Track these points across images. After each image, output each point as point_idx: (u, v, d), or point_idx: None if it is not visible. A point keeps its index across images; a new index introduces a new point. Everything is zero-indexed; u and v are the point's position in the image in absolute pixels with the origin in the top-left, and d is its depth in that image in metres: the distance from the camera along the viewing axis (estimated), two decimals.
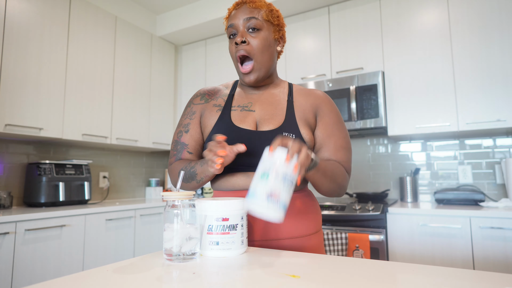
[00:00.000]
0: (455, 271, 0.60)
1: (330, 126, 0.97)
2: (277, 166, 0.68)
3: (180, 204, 0.71)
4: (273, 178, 0.67)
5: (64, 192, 2.32)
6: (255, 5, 0.95)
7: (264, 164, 0.70)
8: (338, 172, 0.91)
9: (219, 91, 1.05)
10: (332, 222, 2.13)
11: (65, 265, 2.00)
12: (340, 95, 2.42)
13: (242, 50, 0.93)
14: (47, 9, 2.29)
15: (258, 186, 0.68)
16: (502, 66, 2.03)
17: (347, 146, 0.97)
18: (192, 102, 1.05)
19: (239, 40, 0.92)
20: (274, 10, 0.98)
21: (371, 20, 2.47)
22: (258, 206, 0.67)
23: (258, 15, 0.94)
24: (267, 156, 0.71)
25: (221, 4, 2.92)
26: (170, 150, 1.04)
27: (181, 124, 1.03)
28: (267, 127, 0.93)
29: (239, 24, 0.94)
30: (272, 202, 0.66)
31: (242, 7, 0.96)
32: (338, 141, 0.96)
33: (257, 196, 0.67)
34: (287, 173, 0.68)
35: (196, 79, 3.32)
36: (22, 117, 2.10)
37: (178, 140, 1.01)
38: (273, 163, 0.69)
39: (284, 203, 0.68)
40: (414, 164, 2.55)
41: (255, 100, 1.00)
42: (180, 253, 0.69)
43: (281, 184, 0.67)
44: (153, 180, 3.29)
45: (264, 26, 0.95)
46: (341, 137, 0.97)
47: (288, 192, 0.69)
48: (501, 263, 1.73)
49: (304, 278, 0.57)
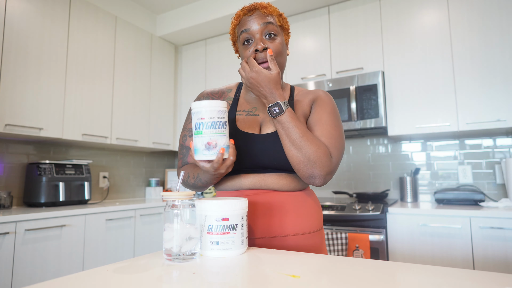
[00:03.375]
0: (455, 271, 0.60)
1: (322, 114, 0.94)
2: (204, 116, 0.78)
3: (180, 204, 0.71)
4: (204, 129, 0.78)
5: (64, 192, 2.32)
6: (268, 10, 0.95)
7: (193, 121, 0.80)
8: (313, 145, 0.84)
9: (223, 94, 1.06)
10: (332, 222, 2.13)
11: (65, 265, 2.00)
12: (340, 95, 2.42)
13: (265, 58, 0.92)
14: (47, 9, 2.29)
15: (196, 141, 0.79)
16: (502, 66, 2.03)
17: (337, 134, 0.91)
18: None
19: (260, 47, 0.91)
20: (283, 15, 1.00)
21: (371, 20, 2.47)
22: (203, 158, 0.78)
23: (273, 20, 0.95)
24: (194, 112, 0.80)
25: (221, 4, 2.92)
26: (178, 153, 1.07)
27: (186, 128, 1.04)
28: (270, 129, 0.95)
29: (255, 30, 0.94)
30: (211, 149, 0.78)
31: (255, 13, 0.95)
32: (327, 127, 0.91)
33: (199, 150, 0.79)
34: (213, 118, 0.77)
35: (196, 79, 3.32)
36: (22, 117, 2.10)
37: (183, 144, 1.03)
38: (199, 113, 0.78)
39: (223, 145, 0.78)
40: (414, 164, 2.55)
41: (259, 105, 1.01)
42: (180, 253, 0.69)
43: (213, 130, 0.77)
44: (153, 180, 3.29)
45: (279, 32, 0.96)
46: (332, 125, 0.92)
47: (222, 134, 0.78)
48: (501, 263, 1.73)
49: (304, 278, 0.57)
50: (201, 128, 0.78)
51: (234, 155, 0.81)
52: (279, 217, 0.91)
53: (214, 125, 0.77)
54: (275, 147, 0.91)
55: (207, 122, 0.77)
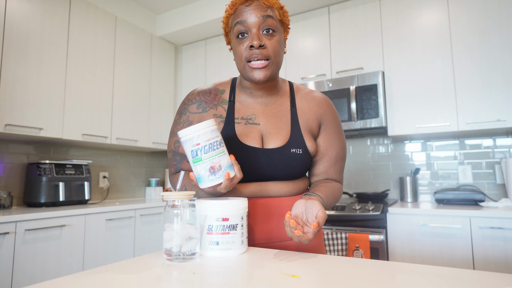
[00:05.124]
0: (455, 271, 0.60)
1: (332, 136, 0.98)
2: (198, 141, 0.72)
3: (180, 204, 0.71)
4: (203, 154, 0.72)
5: (64, 192, 2.32)
6: (268, 2, 0.85)
7: (187, 149, 0.74)
8: (336, 194, 0.95)
9: (216, 96, 0.96)
10: (332, 222, 2.13)
11: (65, 265, 2.00)
12: (340, 95, 2.42)
13: (260, 54, 0.83)
14: (47, 9, 2.29)
15: (198, 169, 0.74)
16: (502, 66, 2.03)
17: (344, 155, 1.00)
18: (188, 110, 0.95)
19: (256, 44, 0.82)
20: (284, 8, 0.90)
21: (371, 20, 2.47)
22: (210, 184, 0.74)
23: (273, 14, 0.85)
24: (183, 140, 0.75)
25: (221, 4, 2.91)
26: (168, 159, 0.99)
27: (174, 133, 0.96)
28: (274, 143, 0.90)
29: (252, 23, 0.84)
30: (216, 172, 0.73)
31: (254, 3, 0.84)
32: (338, 152, 0.98)
33: (203, 177, 0.74)
34: (209, 140, 0.72)
35: (196, 79, 3.32)
36: (22, 117, 2.10)
37: (176, 151, 0.96)
38: (192, 140, 0.73)
39: (226, 164, 0.74)
40: (414, 164, 2.55)
41: (258, 111, 0.93)
42: (180, 253, 0.69)
43: (212, 153, 0.73)
44: (153, 180, 3.29)
45: (278, 27, 0.87)
46: (341, 147, 0.99)
47: (222, 153, 0.74)
48: (501, 263, 1.73)
49: (304, 278, 0.57)
50: (200, 155, 0.72)
51: (239, 171, 0.78)
52: (278, 222, 0.89)
53: (212, 147, 0.72)
54: (282, 162, 0.88)
55: (204, 146, 0.72)
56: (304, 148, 0.91)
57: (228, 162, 0.75)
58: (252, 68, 0.85)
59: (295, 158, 0.89)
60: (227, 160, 0.75)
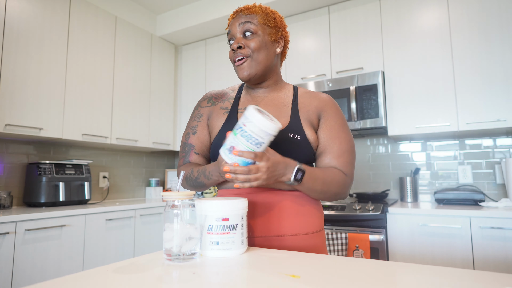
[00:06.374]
0: (455, 271, 0.60)
1: (335, 129, 0.97)
2: (247, 124, 0.75)
3: (180, 204, 0.71)
4: (239, 134, 0.76)
5: (64, 192, 2.32)
6: (249, 11, 0.99)
7: (240, 119, 0.78)
8: (334, 182, 0.91)
9: (225, 94, 1.08)
10: (332, 222, 2.13)
11: (65, 265, 2.00)
12: (340, 95, 2.42)
13: (240, 54, 0.96)
14: (47, 9, 2.29)
15: (229, 137, 0.78)
16: (502, 66, 2.03)
17: (351, 149, 0.97)
18: (200, 105, 1.09)
19: (235, 46, 0.96)
20: (270, 13, 1.00)
21: (371, 20, 2.47)
22: (222, 153, 0.78)
23: (253, 19, 0.98)
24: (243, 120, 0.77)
25: (221, 4, 2.92)
26: (179, 152, 1.08)
27: (189, 126, 1.07)
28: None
29: (236, 31, 0.98)
30: (231, 153, 0.77)
31: (238, 15, 1.00)
32: (342, 144, 0.96)
33: (225, 145, 0.78)
34: (253, 133, 0.74)
35: (196, 79, 3.32)
36: (22, 117, 2.10)
37: (186, 142, 1.05)
38: (247, 119, 0.75)
39: (242, 160, 0.76)
40: (414, 164, 2.55)
41: (260, 102, 1.02)
42: (180, 253, 0.69)
43: (244, 141, 0.75)
44: (153, 180, 3.29)
45: (260, 29, 0.97)
46: (346, 140, 0.97)
47: (249, 149, 0.76)
48: (501, 263, 1.73)
49: (304, 278, 0.57)
50: (238, 132, 0.76)
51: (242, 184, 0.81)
52: (278, 217, 0.91)
53: (249, 138, 0.74)
54: (280, 147, 0.90)
55: (246, 132, 0.75)
56: (303, 136, 0.93)
57: (245, 161, 0.76)
58: (237, 66, 0.98)
59: (292, 143, 0.92)
60: (247, 160, 0.76)
